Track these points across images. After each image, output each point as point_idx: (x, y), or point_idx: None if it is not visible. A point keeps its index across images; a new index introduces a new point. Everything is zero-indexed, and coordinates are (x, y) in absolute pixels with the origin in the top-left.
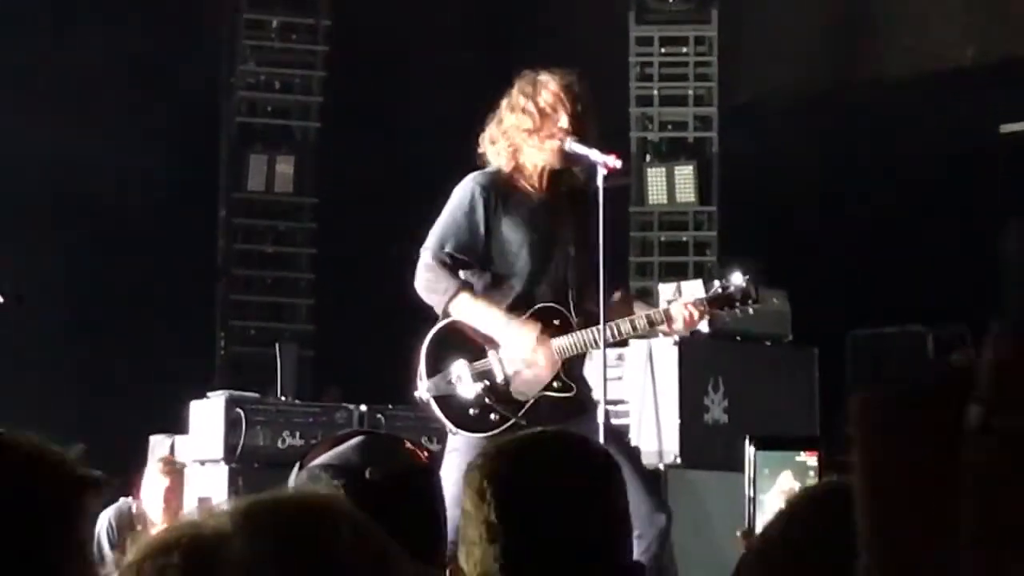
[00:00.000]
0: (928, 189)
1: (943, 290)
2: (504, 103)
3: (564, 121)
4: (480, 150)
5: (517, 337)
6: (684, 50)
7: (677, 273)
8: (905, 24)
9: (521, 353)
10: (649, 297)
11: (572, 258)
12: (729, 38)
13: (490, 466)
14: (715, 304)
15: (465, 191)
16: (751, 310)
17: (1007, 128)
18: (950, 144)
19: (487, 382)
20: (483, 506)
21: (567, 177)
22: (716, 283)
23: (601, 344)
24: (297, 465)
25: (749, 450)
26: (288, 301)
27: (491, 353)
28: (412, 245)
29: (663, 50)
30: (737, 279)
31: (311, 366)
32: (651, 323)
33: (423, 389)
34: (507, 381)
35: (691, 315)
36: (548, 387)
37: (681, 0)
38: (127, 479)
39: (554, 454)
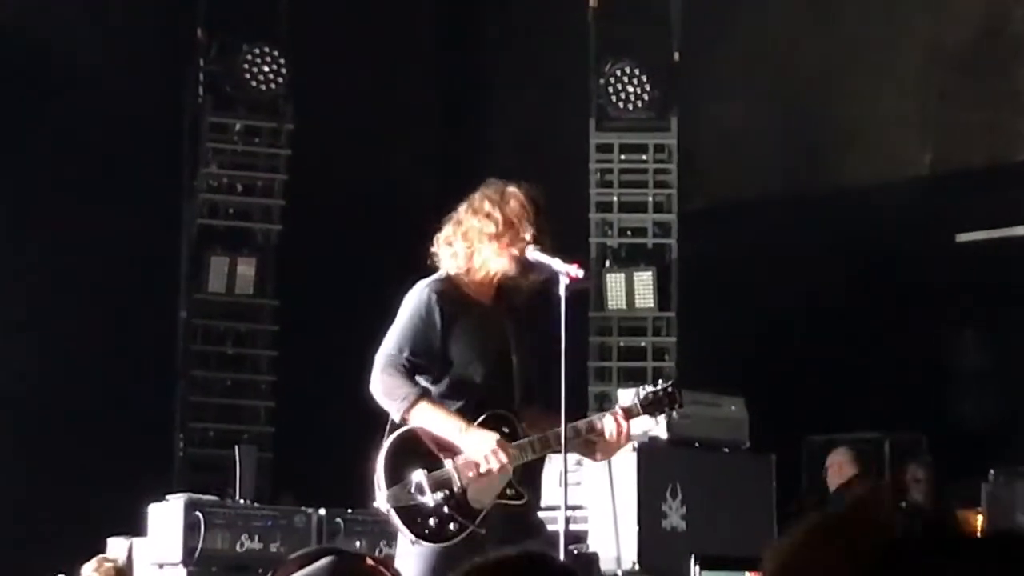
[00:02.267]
0: (885, 296)
1: (899, 397)
2: (465, 207)
3: (528, 232)
4: (433, 249)
5: (478, 442)
6: (644, 157)
7: (636, 378)
8: (863, 132)
9: (480, 458)
10: (607, 402)
11: (516, 367)
12: (688, 145)
13: None
14: (647, 410)
15: (420, 297)
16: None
17: (963, 238)
18: (907, 251)
19: (446, 491)
20: None
21: (510, 289)
22: (642, 390)
23: (563, 444)
24: None
25: (694, 569)
26: (248, 403)
27: (447, 462)
28: (377, 346)
29: (623, 157)
30: (663, 384)
31: (270, 469)
32: (591, 427)
33: (383, 499)
34: (463, 489)
35: (618, 425)
36: (501, 494)
37: (641, 108)
38: None
39: None
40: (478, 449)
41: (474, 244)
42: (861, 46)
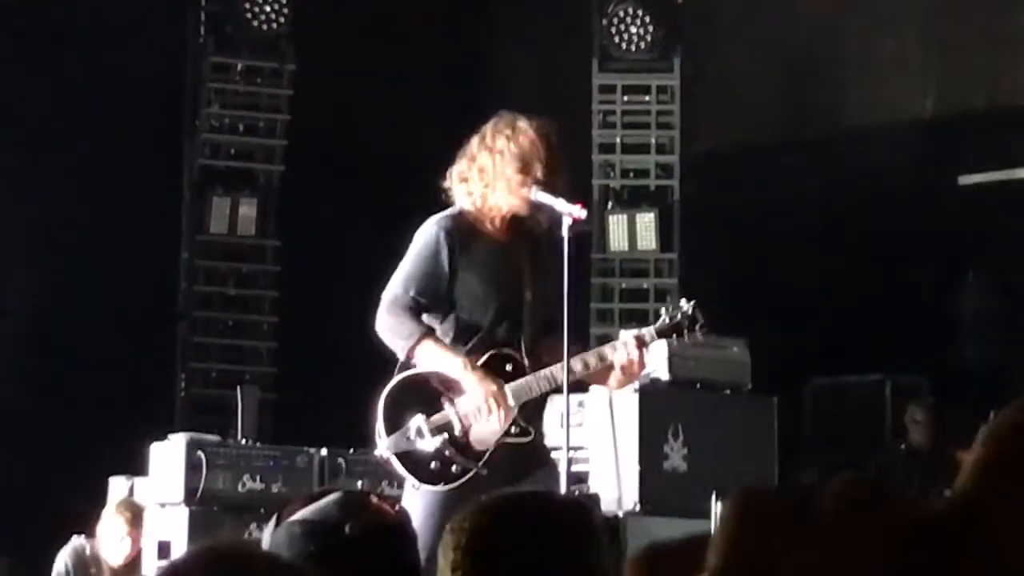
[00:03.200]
0: (887, 240)
1: (902, 340)
2: (477, 141)
3: (539, 170)
4: (446, 184)
5: (479, 387)
6: (647, 98)
7: (638, 320)
8: (864, 75)
9: (479, 402)
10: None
11: (528, 304)
12: (691, 87)
13: (470, 525)
14: (664, 334)
15: (429, 234)
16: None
17: (965, 180)
18: (909, 195)
19: (446, 435)
20: (460, 565)
21: (527, 224)
22: (663, 313)
23: (564, 385)
24: (274, 519)
25: (716, 506)
26: (250, 344)
27: (447, 405)
28: (379, 286)
29: (626, 98)
30: (683, 306)
31: (272, 409)
32: (601, 358)
33: (383, 447)
34: (465, 432)
35: (629, 356)
36: (506, 433)
37: (644, 49)
38: (85, 518)
39: (530, 518)
40: (477, 393)
41: (489, 181)
42: None
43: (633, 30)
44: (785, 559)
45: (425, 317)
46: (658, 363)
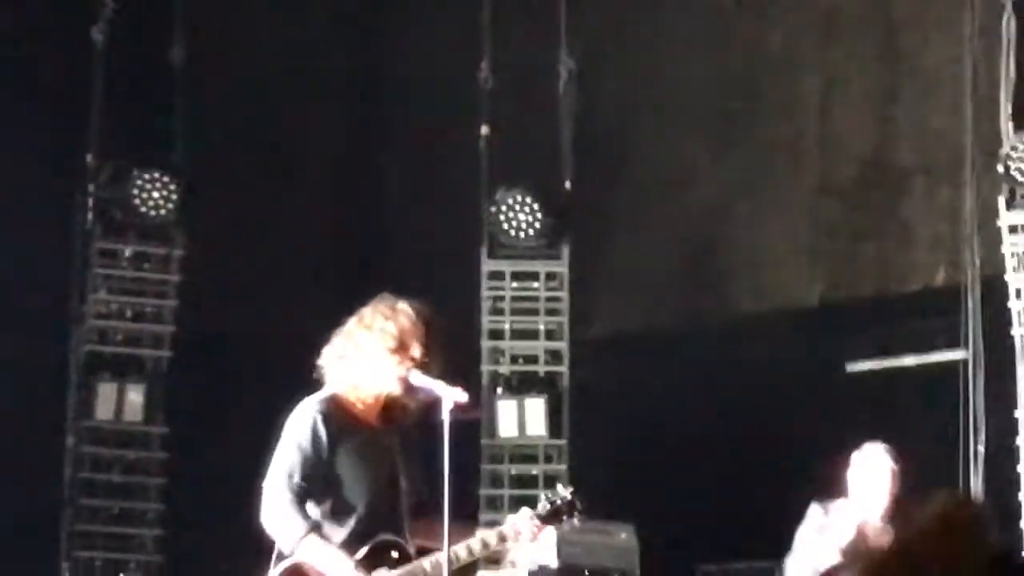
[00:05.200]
0: (776, 427)
1: (791, 527)
2: (355, 321)
3: (417, 352)
4: (320, 363)
5: None
6: (535, 285)
7: (527, 506)
8: (756, 263)
9: None
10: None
11: (404, 488)
12: (580, 273)
13: None
14: (547, 520)
15: (306, 419)
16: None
17: (853, 368)
18: (798, 382)
19: None
20: None
21: (397, 409)
22: (543, 499)
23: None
24: None
25: None
26: (135, 532)
27: None
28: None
29: (514, 284)
30: (562, 492)
31: None
32: (502, 539)
33: None
34: None
35: (532, 529)
36: None
37: (533, 236)
38: None
39: None
40: None
41: (364, 359)
42: (755, 179)
43: (522, 217)
44: None
45: (309, 504)
46: (546, 549)
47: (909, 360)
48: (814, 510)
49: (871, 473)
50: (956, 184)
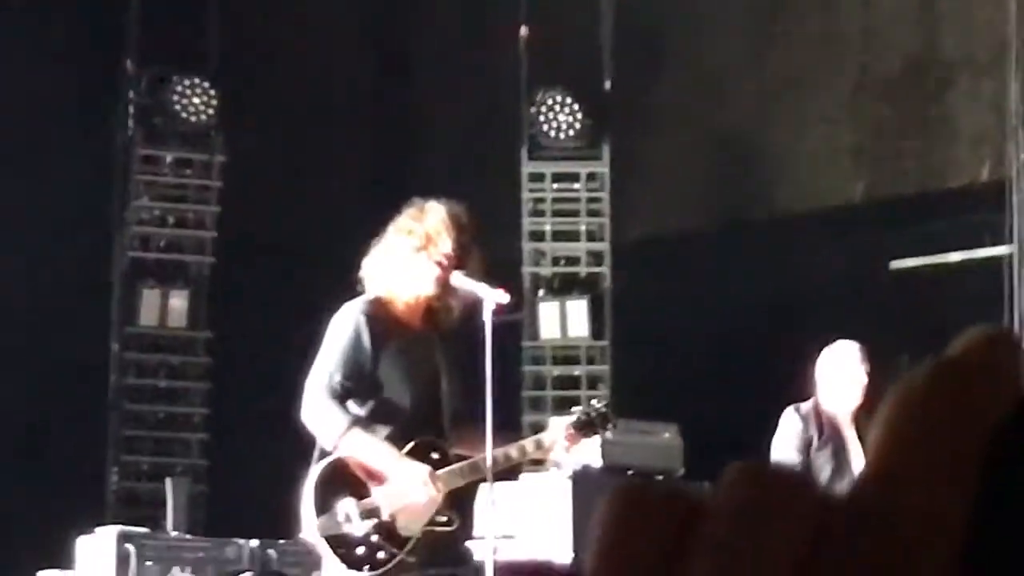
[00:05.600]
0: (820, 325)
1: None
2: (390, 228)
3: (448, 247)
4: (361, 273)
5: (408, 474)
6: (576, 186)
7: (570, 407)
8: (796, 162)
9: (410, 489)
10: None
11: (446, 392)
12: (621, 174)
13: None
14: (580, 431)
15: (348, 320)
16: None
17: (896, 265)
18: (841, 281)
19: (375, 520)
20: None
21: (439, 312)
22: (577, 411)
23: (488, 476)
24: None
25: None
26: (181, 436)
27: (375, 490)
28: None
29: (555, 186)
30: (595, 405)
31: (204, 501)
32: (539, 446)
33: (312, 529)
34: (393, 517)
35: (566, 441)
36: (431, 522)
37: (573, 136)
38: None
39: None
40: (408, 480)
41: (398, 261)
42: (796, 76)
43: (562, 118)
44: None
45: (350, 403)
46: (590, 450)
47: (954, 256)
48: (789, 414)
49: (840, 371)
50: (1000, 78)
